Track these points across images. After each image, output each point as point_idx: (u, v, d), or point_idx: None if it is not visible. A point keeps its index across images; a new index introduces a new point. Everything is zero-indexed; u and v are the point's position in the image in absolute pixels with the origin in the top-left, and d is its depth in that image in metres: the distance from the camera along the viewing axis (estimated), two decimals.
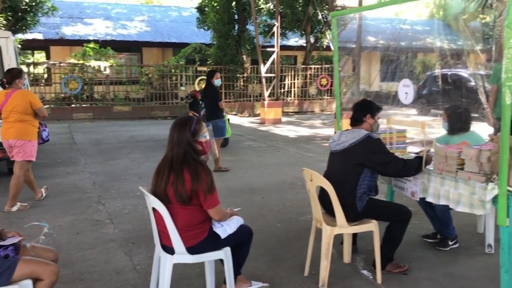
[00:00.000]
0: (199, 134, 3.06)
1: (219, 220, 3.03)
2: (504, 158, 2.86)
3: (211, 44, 19.51)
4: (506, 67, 2.82)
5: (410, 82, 4.15)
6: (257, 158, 8.92)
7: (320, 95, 20.35)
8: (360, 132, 3.61)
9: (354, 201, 3.53)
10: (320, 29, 19.88)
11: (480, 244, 4.29)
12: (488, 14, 6.19)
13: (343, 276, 3.69)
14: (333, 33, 4.68)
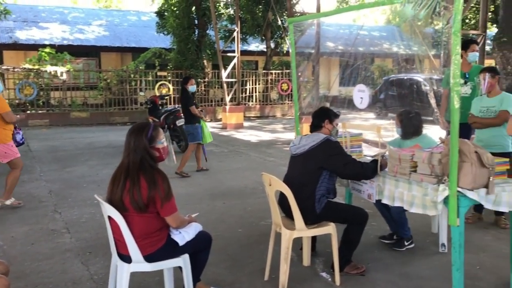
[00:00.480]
0: (156, 141, 3.03)
1: (177, 227, 3.01)
2: (453, 160, 2.97)
3: (171, 48, 19.36)
4: (453, 73, 2.93)
5: (365, 87, 4.26)
6: (218, 163, 8.90)
7: (281, 99, 20.51)
8: (319, 136, 3.71)
9: (313, 203, 3.59)
10: (280, 35, 20.08)
11: (434, 243, 4.43)
12: (439, 21, 6.37)
13: (302, 279, 3.73)
14: (291, 39, 4.73)
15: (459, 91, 2.97)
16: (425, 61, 16.46)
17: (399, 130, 4.38)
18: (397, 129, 4.41)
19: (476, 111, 4.81)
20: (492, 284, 3.62)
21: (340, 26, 24.64)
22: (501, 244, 4.39)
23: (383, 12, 33.01)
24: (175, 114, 9.96)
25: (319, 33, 11.77)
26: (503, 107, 4.61)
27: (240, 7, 18.31)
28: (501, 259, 4.04)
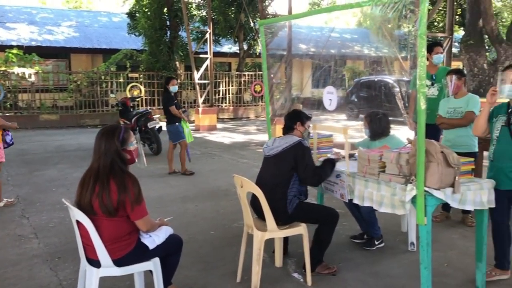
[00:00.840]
0: (128, 143, 3.01)
1: (147, 231, 2.98)
2: (420, 160, 3.03)
3: (143, 50, 19.16)
4: (419, 74, 2.99)
5: (334, 89, 4.31)
6: (191, 165, 8.82)
7: (255, 101, 20.56)
8: (293, 138, 3.76)
9: (285, 204, 3.62)
10: (253, 36, 20.12)
11: (404, 242, 4.51)
12: (407, 24, 6.55)
13: (274, 280, 3.75)
14: (262, 41, 4.75)
15: (425, 92, 3.03)
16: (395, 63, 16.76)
17: (367, 131, 4.45)
18: (365, 130, 4.48)
19: (443, 112, 4.91)
20: (459, 281, 3.71)
21: (312, 28, 24.89)
22: (467, 242, 4.51)
23: (354, 15, 33.50)
24: (147, 116, 9.87)
25: (291, 35, 11.82)
26: (469, 108, 4.72)
27: (212, 9, 18.27)
28: (467, 256, 4.14)
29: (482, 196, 3.35)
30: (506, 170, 3.46)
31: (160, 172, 8.06)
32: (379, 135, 4.38)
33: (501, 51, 13.62)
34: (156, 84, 17.97)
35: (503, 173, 3.48)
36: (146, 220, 2.93)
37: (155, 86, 17.96)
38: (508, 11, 24.55)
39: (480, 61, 14.82)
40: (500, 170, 3.50)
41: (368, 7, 3.41)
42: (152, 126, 9.82)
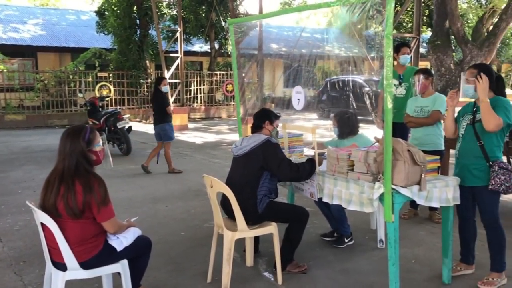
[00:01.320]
0: (93, 144, 2.95)
1: (115, 232, 2.93)
2: (387, 158, 3.08)
3: (112, 49, 18.88)
4: (386, 74, 3.04)
5: (302, 89, 4.33)
6: (161, 165, 8.74)
7: (227, 101, 20.51)
8: (260, 137, 3.74)
9: (255, 203, 3.61)
10: (224, 36, 20.06)
11: (373, 240, 4.57)
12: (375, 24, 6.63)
13: (245, 280, 3.74)
14: (231, 40, 4.73)
15: (392, 92, 3.08)
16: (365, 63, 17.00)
17: (336, 130, 4.49)
18: (334, 129, 4.51)
19: (411, 111, 5.00)
20: (426, 276, 3.78)
21: (283, 28, 25.01)
22: (434, 238, 4.60)
23: (325, 15, 33.76)
24: (116, 116, 9.71)
25: (262, 34, 11.84)
26: (435, 107, 4.82)
27: (183, 8, 18.14)
28: (434, 252, 4.23)
29: (447, 193, 3.42)
30: (470, 167, 3.54)
31: (129, 173, 7.94)
32: (347, 134, 4.43)
33: (467, 51, 13.98)
34: (126, 84, 17.74)
35: (467, 170, 3.56)
36: (113, 221, 2.88)
37: (125, 85, 17.72)
38: (473, 12, 25.21)
39: (447, 61, 15.17)
40: (465, 167, 3.58)
41: (338, 8, 3.44)
42: (122, 126, 9.67)
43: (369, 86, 15.77)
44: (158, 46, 16.71)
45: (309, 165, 3.77)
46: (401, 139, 3.31)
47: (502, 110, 3.38)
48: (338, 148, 3.90)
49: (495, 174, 3.39)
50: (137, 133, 13.40)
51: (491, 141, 3.46)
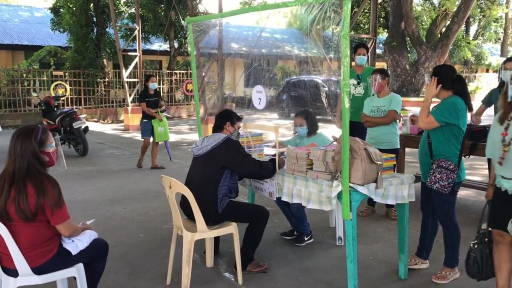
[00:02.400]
0: (46, 144, 2.85)
1: (70, 236, 2.83)
2: (345, 157, 3.12)
3: (68, 47, 18.36)
4: (343, 74, 3.08)
5: (263, 88, 4.34)
6: (119, 166, 8.59)
7: (187, 100, 20.31)
8: (220, 136, 3.73)
9: (215, 203, 3.58)
10: (184, 34, 19.87)
11: (332, 237, 4.64)
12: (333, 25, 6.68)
13: (205, 281, 3.71)
14: (190, 39, 4.69)
15: (349, 91, 3.12)
16: (324, 64, 17.20)
17: (303, 128, 4.51)
18: (299, 128, 4.53)
19: (367, 111, 5.10)
20: (383, 272, 3.87)
21: (243, 28, 25.01)
22: (391, 234, 4.71)
23: (285, 16, 34.06)
24: (72, 116, 9.44)
25: (222, 33, 11.79)
26: (391, 107, 4.93)
27: (141, 6, 17.84)
28: (391, 248, 4.33)
29: (403, 191, 3.51)
30: (422, 164, 3.70)
31: (86, 174, 7.74)
32: (313, 132, 4.48)
33: (421, 53, 14.41)
34: (83, 83, 17.28)
35: (421, 166, 3.72)
36: (68, 224, 2.79)
37: (82, 84, 17.26)
38: (427, 15, 26.03)
39: (402, 62, 15.60)
40: (420, 163, 3.74)
41: (298, 9, 3.46)
42: (78, 126, 9.42)
43: (328, 86, 16.00)
44: (115, 45, 16.35)
45: (272, 164, 3.79)
46: (358, 138, 3.36)
47: (438, 108, 3.53)
48: (297, 147, 3.92)
49: (431, 172, 3.52)
50: (94, 133, 13.10)
51: (437, 139, 3.57)
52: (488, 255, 2.98)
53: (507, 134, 2.82)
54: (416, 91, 17.15)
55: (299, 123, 4.56)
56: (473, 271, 3.04)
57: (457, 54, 26.63)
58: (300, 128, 4.56)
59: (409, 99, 17.67)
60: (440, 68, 3.72)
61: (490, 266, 2.98)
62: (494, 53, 33.31)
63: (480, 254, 2.97)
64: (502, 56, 31.96)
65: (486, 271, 2.99)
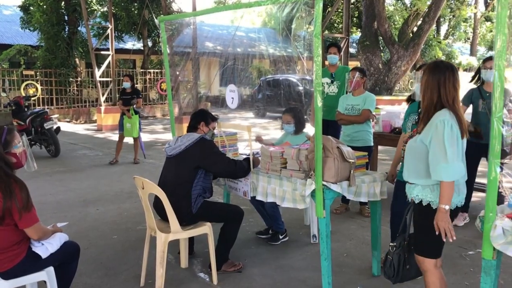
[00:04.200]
0: (12, 145, 2.78)
1: (39, 239, 2.77)
2: (318, 156, 3.14)
3: (39, 46, 17.97)
4: (316, 73, 3.09)
5: (235, 87, 4.33)
6: (92, 167, 8.45)
7: (162, 99, 20.11)
8: (194, 135, 3.70)
9: (190, 203, 3.56)
10: (158, 33, 19.69)
11: (307, 235, 4.67)
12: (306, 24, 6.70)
13: (179, 282, 3.68)
14: (162, 38, 4.64)
15: (321, 90, 3.13)
16: (298, 62, 17.29)
17: (289, 126, 4.46)
18: (285, 125, 4.49)
19: (342, 109, 5.14)
20: (357, 269, 3.91)
21: (217, 27, 24.95)
22: (364, 231, 4.76)
23: (259, 15, 34.08)
24: (43, 116, 9.24)
25: (196, 32, 11.73)
26: (366, 106, 4.98)
27: (114, 4, 17.61)
28: (364, 245, 4.38)
29: (375, 188, 3.55)
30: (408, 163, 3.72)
31: (58, 176, 7.59)
32: (300, 130, 4.47)
33: (394, 52, 14.62)
34: (54, 82, 16.94)
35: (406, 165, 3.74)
36: (37, 227, 2.72)
37: (53, 84, 16.92)
38: (399, 14, 26.44)
39: (375, 61, 15.80)
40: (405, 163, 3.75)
41: (272, 8, 3.47)
42: (49, 127, 9.23)
43: (303, 85, 16.09)
44: (88, 44, 16.08)
45: (246, 163, 3.78)
46: (331, 137, 3.39)
47: None
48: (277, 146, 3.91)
49: None
50: (67, 133, 12.85)
51: None
52: (405, 259, 2.83)
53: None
54: (389, 90, 17.40)
55: (286, 120, 4.49)
56: (389, 274, 2.89)
57: (429, 53, 27.12)
58: (287, 126, 4.50)
59: (382, 97, 17.91)
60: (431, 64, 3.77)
61: (407, 270, 2.84)
62: (464, 52, 34.07)
63: (398, 258, 2.83)
64: (471, 55, 32.74)
65: (402, 275, 2.85)
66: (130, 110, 8.48)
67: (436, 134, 2.47)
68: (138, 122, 8.63)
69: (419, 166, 2.61)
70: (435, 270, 2.67)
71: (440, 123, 2.47)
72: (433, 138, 2.49)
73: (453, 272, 3.78)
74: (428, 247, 2.67)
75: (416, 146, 2.63)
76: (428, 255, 2.66)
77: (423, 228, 2.66)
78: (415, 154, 2.64)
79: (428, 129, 2.53)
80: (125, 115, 8.55)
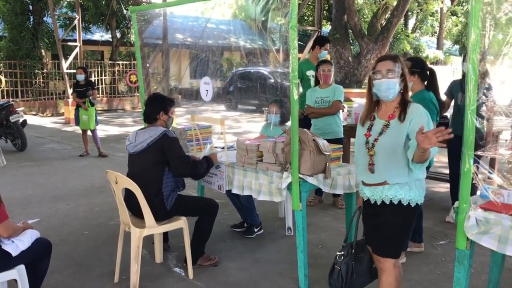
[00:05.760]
0: None
1: (8, 236, 2.68)
2: (294, 148, 3.15)
3: (2, 36, 17.36)
4: (292, 66, 3.08)
5: (210, 79, 4.27)
6: (61, 161, 8.25)
7: (131, 92, 19.76)
8: (157, 130, 3.51)
9: (162, 200, 3.48)
10: (126, 24, 19.31)
11: (282, 228, 4.68)
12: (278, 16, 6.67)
13: (154, 277, 3.64)
14: (134, 29, 4.54)
15: (297, 83, 3.13)
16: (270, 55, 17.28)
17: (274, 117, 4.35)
18: (270, 115, 4.38)
19: (311, 102, 5.13)
20: (331, 261, 3.93)
21: (188, 18, 24.67)
22: (338, 223, 4.81)
23: (229, 7, 33.85)
24: (8, 109, 8.96)
25: (166, 23, 11.56)
26: (335, 97, 5.01)
27: None
28: (339, 237, 4.42)
29: (350, 180, 3.59)
30: None
31: (26, 170, 7.38)
32: (284, 122, 4.40)
33: (364, 45, 14.75)
34: (19, 74, 16.42)
35: None
36: (7, 225, 2.63)
37: (18, 76, 16.40)
38: (369, 8, 26.73)
39: (345, 54, 15.94)
40: None
41: (243, 0, 3.43)
42: (15, 120, 8.96)
43: (274, 78, 16.09)
44: (54, 34, 15.63)
45: (205, 161, 3.70)
46: (307, 130, 3.40)
47: None
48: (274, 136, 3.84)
49: None
50: (33, 127, 12.51)
51: None
52: (353, 268, 2.74)
53: (371, 135, 2.60)
54: (358, 83, 17.60)
55: (272, 110, 4.40)
56: (336, 285, 2.77)
57: (397, 47, 27.53)
58: (271, 116, 4.39)
59: (351, 90, 18.10)
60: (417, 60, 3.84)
61: (355, 279, 2.74)
62: (431, 46, 34.73)
63: (346, 267, 2.73)
64: (438, 49, 33.41)
65: (350, 285, 2.74)
66: (86, 102, 8.41)
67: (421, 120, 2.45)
68: (94, 114, 8.54)
69: (399, 162, 2.51)
70: (394, 270, 2.61)
71: (424, 111, 2.51)
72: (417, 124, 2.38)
73: (425, 262, 3.87)
74: (390, 247, 2.60)
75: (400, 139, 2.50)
76: (389, 255, 2.60)
77: (391, 227, 2.57)
78: (392, 150, 2.52)
79: (410, 117, 2.49)
80: (81, 107, 8.46)
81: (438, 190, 6.03)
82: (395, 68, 2.51)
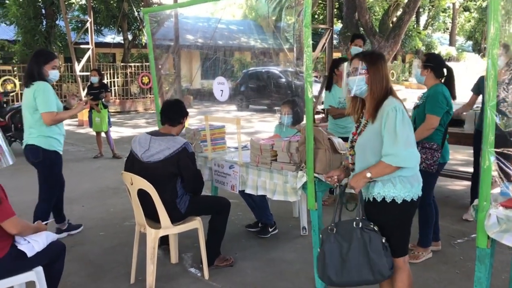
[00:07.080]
0: None
1: (19, 233, 2.65)
2: (309, 147, 3.11)
3: (16, 40, 17.56)
4: (306, 64, 3.05)
5: (225, 79, 4.24)
6: (75, 163, 8.31)
7: (143, 93, 19.86)
8: (176, 142, 3.44)
9: (175, 203, 3.46)
10: (138, 26, 19.42)
11: (297, 227, 4.65)
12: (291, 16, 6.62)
13: (170, 278, 3.63)
14: (147, 31, 4.54)
15: (312, 82, 3.08)
16: (281, 54, 17.22)
17: (287, 117, 4.40)
18: (283, 116, 4.42)
19: (335, 103, 5.03)
20: None
21: (198, 19, 24.72)
22: None
23: (239, 7, 33.87)
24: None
25: (177, 24, 11.59)
26: None
27: None
28: None
29: None
30: None
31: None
32: (297, 122, 4.42)
33: (375, 43, 14.63)
34: None
35: None
36: (14, 221, 2.59)
37: None
38: (380, 5, 26.55)
39: None
40: None
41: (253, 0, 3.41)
42: None
43: (286, 77, 16.05)
44: (66, 38, 15.77)
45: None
46: (322, 128, 3.36)
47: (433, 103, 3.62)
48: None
49: None
50: None
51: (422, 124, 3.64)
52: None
53: (356, 134, 2.66)
54: None
55: (284, 111, 4.43)
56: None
57: (409, 44, 27.33)
58: (284, 117, 4.45)
59: None
60: (433, 56, 3.83)
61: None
62: (443, 43, 34.42)
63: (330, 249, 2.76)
64: (450, 45, 33.09)
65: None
66: (99, 105, 8.49)
67: (388, 121, 2.41)
68: (107, 116, 8.62)
69: (370, 163, 2.51)
70: (405, 266, 2.61)
71: (392, 110, 2.42)
72: (386, 126, 2.41)
73: (443, 261, 3.81)
74: (398, 247, 2.57)
75: (368, 140, 2.53)
76: (400, 254, 2.57)
77: (383, 226, 2.54)
78: (369, 149, 2.52)
79: (380, 118, 2.46)
80: (94, 109, 8.54)
81: (454, 188, 5.94)
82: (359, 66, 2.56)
